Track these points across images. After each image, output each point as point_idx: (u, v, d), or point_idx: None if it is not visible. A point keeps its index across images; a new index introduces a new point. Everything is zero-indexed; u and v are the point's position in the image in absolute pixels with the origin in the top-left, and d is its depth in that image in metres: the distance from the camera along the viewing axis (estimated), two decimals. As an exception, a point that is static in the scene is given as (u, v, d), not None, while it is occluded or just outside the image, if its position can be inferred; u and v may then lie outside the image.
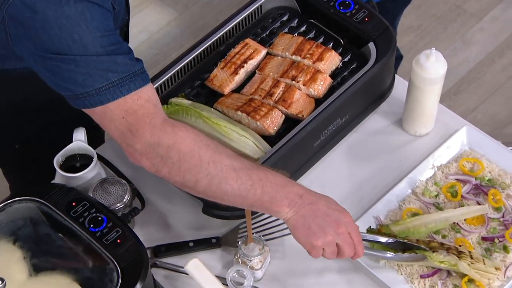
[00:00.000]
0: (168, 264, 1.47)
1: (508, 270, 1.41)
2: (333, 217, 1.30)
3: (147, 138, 1.25)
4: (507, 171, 1.54)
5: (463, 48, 2.84)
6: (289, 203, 1.29)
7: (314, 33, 1.66)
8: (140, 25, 2.93)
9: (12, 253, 1.35)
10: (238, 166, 1.28)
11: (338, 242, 1.30)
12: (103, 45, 1.21)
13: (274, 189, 1.29)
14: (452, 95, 2.73)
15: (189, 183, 1.28)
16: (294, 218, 1.30)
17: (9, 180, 1.89)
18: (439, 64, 1.51)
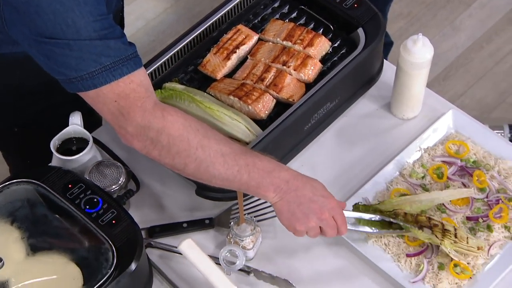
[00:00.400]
0: (162, 244, 1.48)
1: (491, 249, 1.42)
2: (317, 204, 1.32)
3: (138, 121, 1.25)
4: (492, 153, 1.55)
5: (452, 34, 2.83)
6: (275, 189, 1.30)
7: (305, 19, 1.65)
8: (137, 12, 2.92)
9: (10, 234, 1.35)
10: (226, 151, 1.29)
11: (321, 226, 1.33)
12: (96, 30, 1.21)
13: (261, 175, 1.29)
14: (441, 80, 2.73)
15: (178, 165, 1.29)
16: (280, 203, 1.31)
17: (9, 163, 1.89)
18: (426, 49, 1.51)
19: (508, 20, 2.84)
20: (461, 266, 1.40)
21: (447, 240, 1.37)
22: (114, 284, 1.30)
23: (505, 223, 1.45)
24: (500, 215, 1.45)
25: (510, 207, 1.46)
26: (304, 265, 1.45)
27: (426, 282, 1.40)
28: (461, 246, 1.38)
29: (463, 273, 1.40)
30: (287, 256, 1.46)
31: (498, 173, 1.51)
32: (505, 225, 1.45)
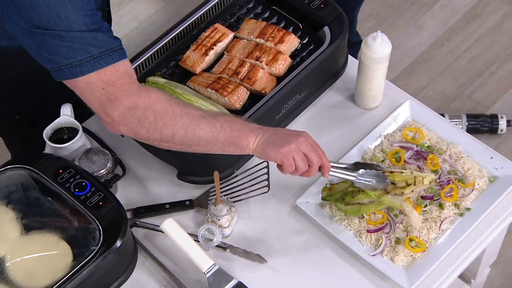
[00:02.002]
0: (146, 223, 1.47)
1: (442, 224, 1.42)
2: (292, 134, 1.34)
3: (125, 104, 1.24)
4: (444, 138, 1.54)
5: (416, 33, 2.83)
6: (254, 133, 1.32)
7: (276, 18, 1.64)
8: (131, 14, 2.89)
9: (5, 214, 1.34)
10: (205, 114, 1.31)
11: (301, 148, 1.32)
12: (86, 23, 1.21)
13: (240, 126, 1.32)
14: (406, 75, 2.72)
15: (167, 137, 1.29)
16: (260, 142, 1.32)
17: (10, 148, 1.86)
18: (384, 45, 1.50)
19: (466, 20, 2.83)
20: (416, 241, 1.40)
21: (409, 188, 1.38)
22: (101, 259, 1.29)
23: (455, 201, 1.45)
24: (451, 194, 1.45)
25: (460, 187, 1.46)
26: (275, 241, 1.45)
27: (384, 255, 1.40)
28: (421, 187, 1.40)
29: (418, 246, 1.40)
30: (260, 233, 1.46)
31: (450, 156, 1.51)
32: (455, 203, 1.45)
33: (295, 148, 1.32)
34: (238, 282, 1.37)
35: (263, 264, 1.41)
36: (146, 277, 1.41)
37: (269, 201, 1.49)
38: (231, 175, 1.50)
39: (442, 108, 2.60)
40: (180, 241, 1.38)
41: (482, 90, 2.65)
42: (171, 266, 1.41)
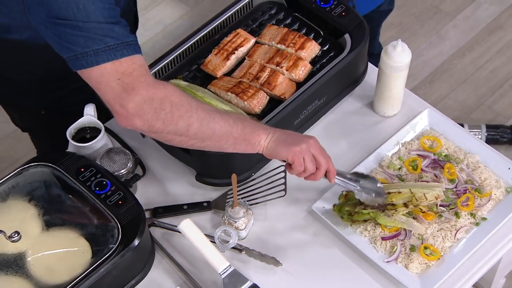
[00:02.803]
0: (164, 223, 1.48)
1: (458, 233, 1.41)
2: (302, 135, 1.36)
3: (143, 94, 1.23)
4: (462, 148, 1.53)
5: (438, 43, 2.81)
6: (266, 132, 1.33)
7: (298, 25, 1.64)
8: (156, 18, 2.92)
9: (27, 211, 1.36)
10: (219, 110, 1.33)
11: (312, 151, 1.33)
12: (104, 16, 1.22)
13: (252, 124, 1.33)
14: (427, 84, 2.71)
15: (181, 129, 1.27)
16: (272, 141, 1.33)
17: (36, 144, 1.88)
18: (404, 53, 1.50)
19: (488, 31, 2.81)
20: (431, 249, 1.39)
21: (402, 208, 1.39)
22: (119, 257, 1.30)
23: (471, 210, 1.43)
24: (467, 204, 1.44)
25: (476, 197, 1.45)
26: (290, 245, 1.45)
27: (399, 262, 1.39)
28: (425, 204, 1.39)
29: (432, 254, 1.39)
30: (276, 237, 1.46)
31: (467, 166, 1.50)
32: (471, 213, 1.43)
33: (306, 149, 1.32)
34: (253, 284, 1.37)
35: (278, 267, 1.41)
36: (162, 276, 1.41)
37: (286, 205, 1.49)
38: (248, 178, 1.50)
39: (462, 118, 2.58)
40: (197, 241, 1.38)
41: (502, 101, 2.63)
42: (187, 266, 1.42)
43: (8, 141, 2.55)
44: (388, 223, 1.39)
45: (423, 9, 2.91)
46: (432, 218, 1.41)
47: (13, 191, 1.38)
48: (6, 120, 2.56)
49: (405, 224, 1.39)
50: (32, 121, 1.73)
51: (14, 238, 1.28)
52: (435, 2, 2.92)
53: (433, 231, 1.41)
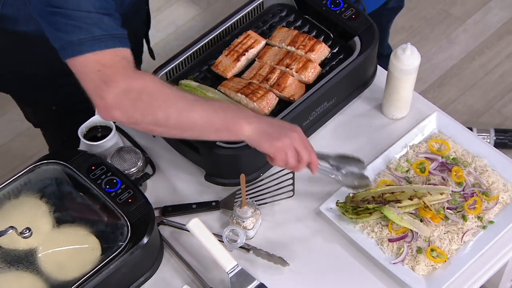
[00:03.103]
0: (173, 222, 1.48)
1: (465, 236, 1.40)
2: (286, 127, 1.32)
3: (120, 86, 1.21)
4: (470, 151, 1.53)
5: (447, 47, 2.80)
6: (248, 121, 1.29)
7: (308, 27, 1.64)
8: (169, 19, 2.93)
9: (39, 208, 1.37)
10: (200, 99, 1.29)
11: (294, 145, 1.30)
12: (95, 6, 1.21)
13: (234, 111, 1.29)
14: (436, 87, 2.70)
15: (161, 120, 1.25)
16: (255, 132, 1.29)
17: (48, 140, 1.88)
18: (413, 57, 1.50)
19: (498, 36, 2.80)
20: (437, 251, 1.39)
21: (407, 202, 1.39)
22: (128, 255, 1.31)
23: (478, 213, 1.43)
24: (474, 207, 1.43)
25: (483, 200, 1.44)
26: (297, 245, 1.45)
27: (405, 263, 1.39)
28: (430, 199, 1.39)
29: (439, 257, 1.38)
30: (283, 237, 1.46)
31: (475, 169, 1.49)
32: (478, 216, 1.43)
33: (289, 144, 1.30)
34: (260, 283, 1.38)
35: (285, 267, 1.41)
36: (171, 274, 1.42)
37: (294, 205, 1.49)
38: (257, 178, 1.50)
39: (470, 122, 2.57)
40: (205, 240, 1.39)
41: (511, 105, 2.61)
42: (195, 265, 1.42)
43: (21, 139, 2.56)
44: (395, 219, 1.38)
45: (433, 13, 2.90)
46: (439, 221, 1.41)
47: (25, 188, 1.38)
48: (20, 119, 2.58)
49: (412, 225, 1.39)
50: (44, 117, 1.73)
51: (25, 234, 1.29)
52: (446, 7, 2.92)
53: (440, 234, 1.41)
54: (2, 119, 2.60)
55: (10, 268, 1.31)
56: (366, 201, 1.42)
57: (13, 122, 2.59)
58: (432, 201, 1.41)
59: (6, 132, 2.57)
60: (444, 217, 1.42)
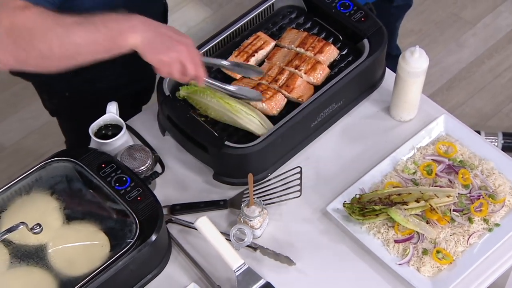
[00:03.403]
0: (182, 220, 1.48)
1: (471, 238, 1.40)
2: (175, 38, 1.28)
3: (3, 26, 1.18)
4: (477, 154, 1.52)
5: (457, 50, 2.79)
6: (134, 29, 1.25)
7: (317, 29, 1.65)
8: (180, 20, 2.93)
9: (49, 204, 1.37)
10: (79, 20, 1.23)
11: (181, 59, 1.28)
12: None
13: (117, 23, 1.25)
14: (445, 90, 2.69)
15: (45, 52, 1.21)
16: (142, 42, 1.25)
17: (63, 129, 1.88)
18: (422, 59, 1.49)
19: (508, 40, 2.79)
20: (443, 253, 1.38)
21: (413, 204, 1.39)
22: (136, 252, 1.31)
23: (484, 216, 1.42)
24: (481, 209, 1.43)
25: (490, 203, 1.44)
26: (304, 245, 1.45)
27: (411, 265, 1.38)
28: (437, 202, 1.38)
29: (444, 258, 1.38)
30: (290, 236, 1.46)
31: (481, 172, 1.49)
32: (484, 218, 1.42)
33: (175, 58, 1.27)
34: (267, 282, 1.38)
35: (291, 266, 1.41)
36: (178, 271, 1.42)
37: (301, 205, 1.50)
38: (265, 178, 1.51)
39: (478, 125, 2.56)
40: (212, 239, 1.39)
41: (520, 109, 2.61)
42: (202, 263, 1.43)
43: (34, 137, 2.58)
44: (401, 221, 1.38)
45: (443, 16, 2.89)
46: (445, 223, 1.41)
47: (36, 185, 1.39)
48: (32, 116, 2.61)
49: (418, 227, 1.38)
50: (58, 104, 1.74)
51: (35, 230, 1.30)
52: (455, 10, 2.91)
53: (446, 236, 1.40)
54: (15, 117, 2.62)
55: (21, 263, 1.31)
56: (373, 202, 1.42)
57: (26, 120, 2.61)
58: (439, 203, 1.41)
59: (19, 130, 2.58)
60: (450, 219, 1.42)
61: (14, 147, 2.54)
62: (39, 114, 2.62)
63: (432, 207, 1.40)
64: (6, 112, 2.62)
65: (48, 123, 2.60)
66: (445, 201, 1.40)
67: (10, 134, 2.57)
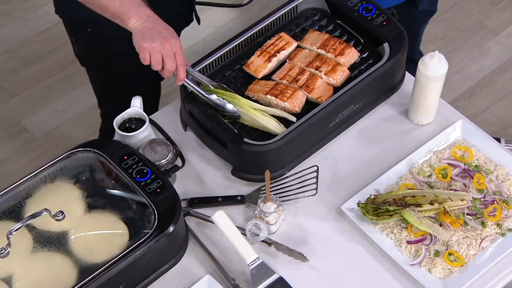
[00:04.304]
0: (199, 213, 1.49)
1: (483, 242, 1.38)
2: (165, 35, 1.39)
3: None
4: (492, 159, 1.50)
5: (480, 58, 2.76)
6: (138, 17, 1.40)
7: (339, 32, 1.64)
8: (208, 20, 2.94)
9: (72, 192, 1.39)
10: None
11: (162, 53, 1.38)
12: None
13: (130, 5, 1.40)
14: (466, 97, 2.66)
15: None
16: (137, 28, 1.39)
17: (94, 85, 1.90)
18: (441, 64, 1.48)
19: (532, 49, 2.75)
20: (455, 255, 1.37)
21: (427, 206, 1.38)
22: (154, 242, 1.32)
23: (498, 221, 1.40)
24: (494, 214, 1.41)
25: (504, 208, 1.42)
26: (318, 242, 1.44)
27: (422, 265, 1.37)
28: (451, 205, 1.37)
29: (456, 261, 1.36)
30: (304, 234, 1.46)
31: (496, 177, 1.47)
32: (498, 223, 1.40)
33: (157, 48, 1.37)
34: (280, 277, 1.38)
35: (304, 262, 1.41)
36: (194, 263, 1.43)
37: (316, 203, 1.49)
38: (282, 175, 1.50)
39: (499, 133, 2.52)
40: (228, 232, 1.39)
41: (541, 118, 2.57)
42: (218, 256, 1.43)
43: (64, 128, 2.61)
44: (414, 223, 1.36)
45: (468, 24, 2.86)
46: (458, 226, 1.39)
47: (61, 174, 1.41)
48: (64, 109, 2.65)
49: (431, 229, 1.37)
50: (83, 46, 1.78)
51: (58, 217, 1.32)
52: (480, 18, 2.87)
53: (459, 239, 1.39)
54: (47, 109, 2.66)
55: (43, 248, 1.33)
56: (387, 203, 1.41)
57: (57, 113, 2.64)
58: (453, 207, 1.39)
59: (50, 121, 2.62)
60: (464, 223, 1.40)
61: (45, 138, 2.58)
62: (70, 107, 2.65)
63: (446, 210, 1.38)
64: (39, 104, 2.66)
65: (77, 115, 2.63)
66: (459, 205, 1.39)
67: (42, 125, 2.61)
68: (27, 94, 2.69)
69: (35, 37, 2.84)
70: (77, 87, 2.70)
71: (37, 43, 2.82)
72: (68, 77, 2.73)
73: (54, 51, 2.80)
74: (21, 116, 2.63)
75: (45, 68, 2.75)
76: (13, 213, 1.36)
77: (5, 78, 2.73)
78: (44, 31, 2.86)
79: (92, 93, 1.92)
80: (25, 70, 2.74)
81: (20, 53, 2.80)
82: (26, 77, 2.73)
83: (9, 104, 2.66)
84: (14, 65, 2.76)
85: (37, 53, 2.79)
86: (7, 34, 2.85)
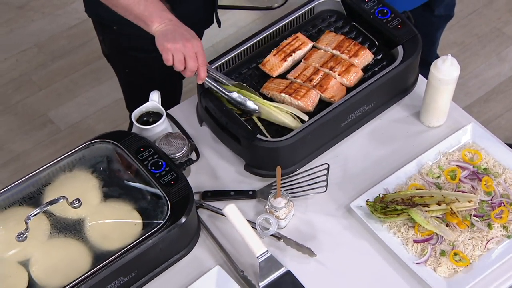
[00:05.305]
0: (211, 206, 1.50)
1: (489, 243, 1.37)
2: (187, 36, 1.41)
3: None
4: (501, 163, 1.49)
5: (497, 64, 2.73)
6: (161, 21, 1.42)
7: (355, 33, 1.63)
8: (231, 21, 2.95)
9: (89, 181, 1.40)
10: None
11: (184, 53, 1.40)
12: None
13: (154, 9, 1.42)
14: (482, 102, 2.63)
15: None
16: (159, 31, 1.41)
17: (121, 82, 1.92)
18: (453, 68, 1.47)
19: (549, 56, 2.71)
20: (460, 255, 1.36)
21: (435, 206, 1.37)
22: (166, 232, 1.33)
23: (504, 223, 1.39)
24: (501, 216, 1.39)
25: (510, 211, 1.40)
26: (326, 238, 1.44)
27: (428, 264, 1.36)
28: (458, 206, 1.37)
29: (461, 261, 1.35)
30: (313, 229, 1.46)
31: (504, 180, 1.45)
32: (504, 225, 1.39)
33: (179, 49, 1.39)
34: (287, 270, 1.38)
35: (312, 257, 1.41)
36: (205, 254, 1.44)
37: (326, 200, 1.49)
38: (293, 172, 1.51)
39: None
40: (239, 226, 1.40)
41: (556, 125, 2.53)
42: (228, 248, 1.44)
43: (88, 121, 2.64)
44: (422, 222, 1.36)
45: (486, 31, 2.83)
46: (465, 227, 1.38)
47: (79, 163, 1.43)
48: (88, 103, 2.67)
49: (438, 229, 1.36)
50: (109, 44, 1.80)
51: (75, 205, 1.33)
52: (499, 25, 2.84)
53: (465, 239, 1.38)
54: (73, 102, 2.69)
55: (59, 234, 1.35)
56: (395, 202, 1.40)
57: (82, 106, 2.68)
58: (460, 208, 1.38)
59: (74, 114, 2.65)
60: (470, 224, 1.39)
61: (69, 130, 2.61)
62: (94, 101, 2.68)
63: (453, 210, 1.37)
64: (64, 98, 2.70)
65: (101, 109, 2.66)
66: (466, 206, 1.38)
67: (67, 118, 2.64)
68: (54, 87, 2.72)
69: (63, 32, 2.88)
70: (102, 82, 2.73)
71: (65, 38, 2.86)
72: (94, 72, 2.76)
73: (81, 46, 2.83)
74: (48, 108, 2.66)
75: (72, 62, 2.79)
76: (32, 199, 1.38)
77: (33, 71, 2.77)
78: (72, 27, 2.89)
79: (115, 88, 1.94)
80: (53, 64, 2.78)
81: (49, 47, 2.84)
82: (53, 71, 2.77)
83: (36, 96, 2.70)
84: (43, 59, 2.80)
85: (65, 48, 2.83)
86: (37, 29, 2.89)
